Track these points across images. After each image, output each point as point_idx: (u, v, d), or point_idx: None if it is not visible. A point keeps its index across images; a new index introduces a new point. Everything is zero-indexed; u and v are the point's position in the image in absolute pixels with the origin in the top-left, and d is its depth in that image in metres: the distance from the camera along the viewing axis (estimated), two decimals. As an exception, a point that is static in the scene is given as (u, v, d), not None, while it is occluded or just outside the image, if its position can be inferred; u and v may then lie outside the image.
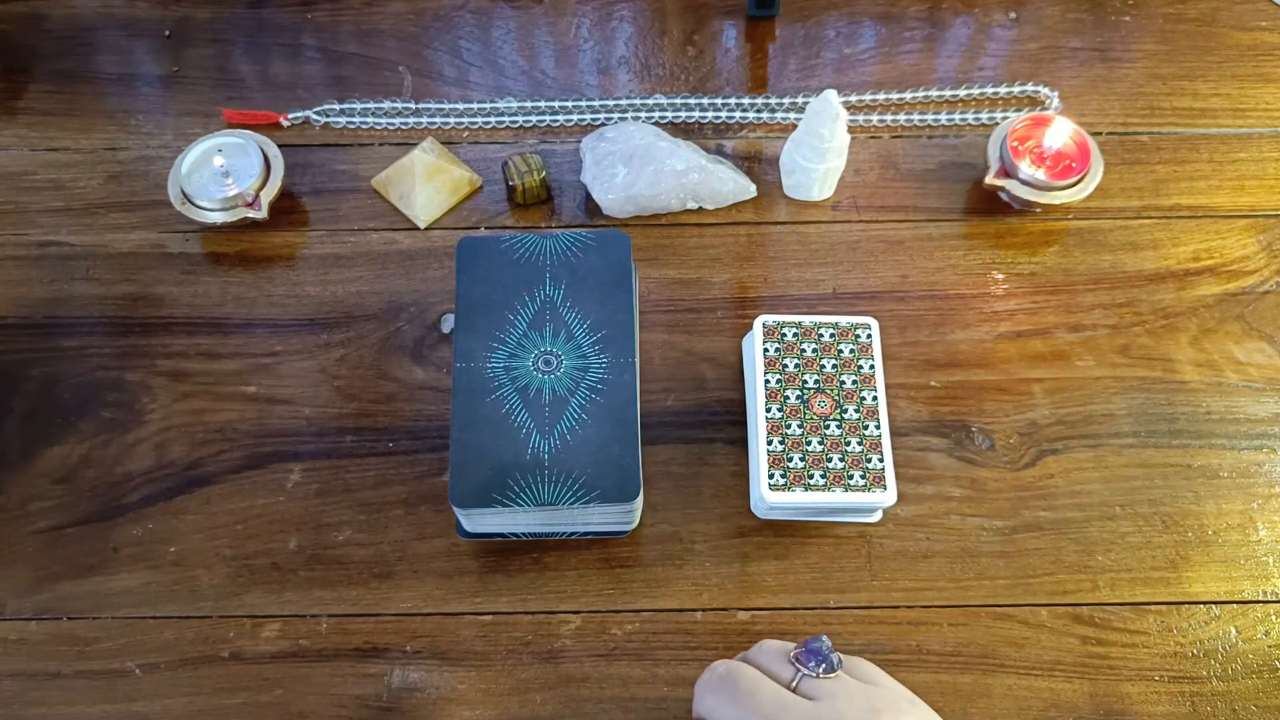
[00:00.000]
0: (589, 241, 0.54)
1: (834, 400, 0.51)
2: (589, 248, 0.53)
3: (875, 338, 0.53)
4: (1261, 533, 0.53)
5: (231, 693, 0.50)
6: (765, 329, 0.53)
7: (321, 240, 0.63)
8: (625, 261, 0.53)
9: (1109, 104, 0.67)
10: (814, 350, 0.52)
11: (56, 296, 0.61)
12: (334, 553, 0.53)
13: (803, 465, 0.50)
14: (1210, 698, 0.49)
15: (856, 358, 0.52)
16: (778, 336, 0.53)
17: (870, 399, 0.51)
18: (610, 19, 0.71)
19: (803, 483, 0.49)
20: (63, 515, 0.54)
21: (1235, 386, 0.57)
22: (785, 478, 0.50)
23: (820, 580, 0.52)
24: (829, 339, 0.52)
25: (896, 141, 0.66)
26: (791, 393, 0.51)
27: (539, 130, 0.67)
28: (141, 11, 0.72)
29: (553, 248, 0.53)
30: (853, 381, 0.51)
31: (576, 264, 0.53)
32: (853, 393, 0.51)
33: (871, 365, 0.52)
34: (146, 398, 0.57)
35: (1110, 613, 0.51)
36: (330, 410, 0.57)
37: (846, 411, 0.51)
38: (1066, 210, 0.62)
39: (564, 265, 0.53)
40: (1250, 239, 0.62)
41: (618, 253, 0.53)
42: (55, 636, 0.51)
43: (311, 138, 0.66)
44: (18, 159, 0.66)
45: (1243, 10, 0.71)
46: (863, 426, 0.50)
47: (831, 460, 0.50)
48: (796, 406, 0.51)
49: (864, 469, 0.49)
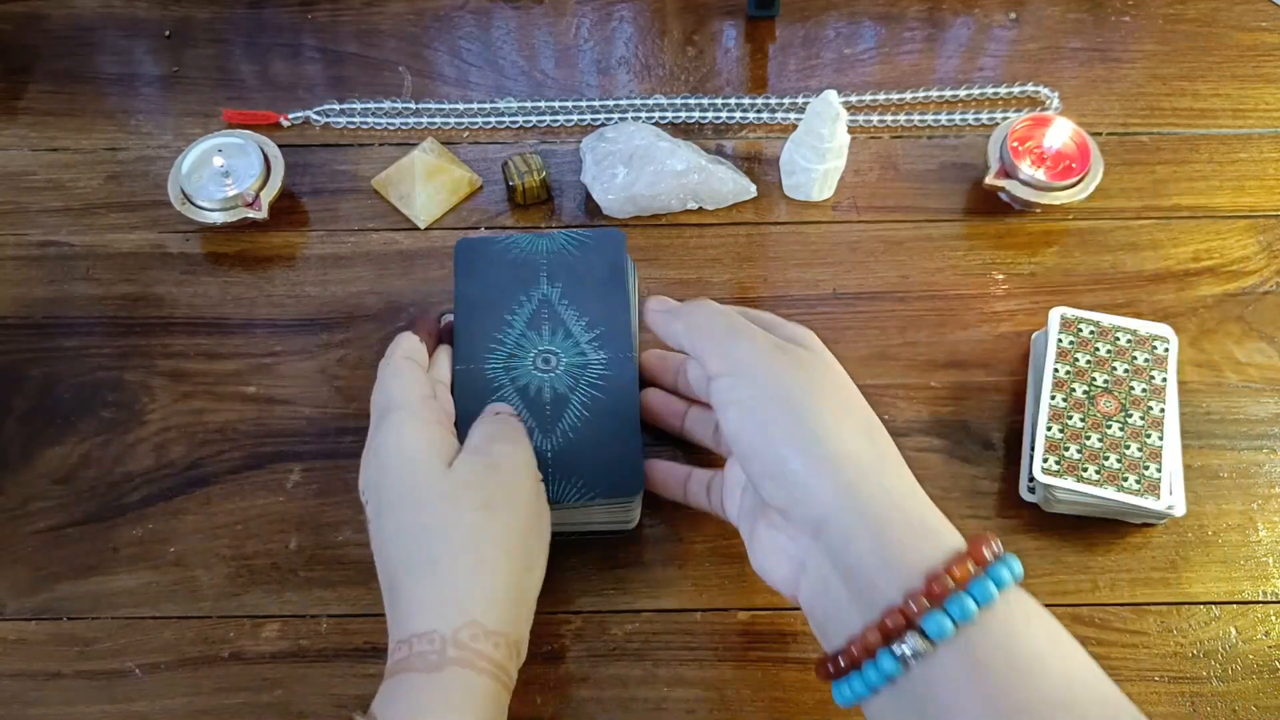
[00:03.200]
0: (584, 239, 0.54)
1: (1120, 402, 0.51)
2: (585, 245, 0.53)
3: (1173, 351, 0.53)
4: (1262, 533, 0.53)
5: (231, 693, 0.50)
6: (1063, 321, 0.54)
7: (321, 240, 0.63)
8: (620, 258, 0.53)
9: (1109, 104, 0.67)
10: (1108, 351, 0.53)
11: (56, 296, 0.61)
12: (334, 553, 0.53)
13: (1079, 457, 0.51)
14: (1210, 698, 0.49)
15: (1150, 367, 0.53)
16: (1074, 330, 0.54)
17: (1158, 409, 0.52)
18: (610, 19, 0.71)
19: (1075, 473, 0.50)
20: (62, 515, 0.54)
21: (1235, 387, 0.57)
22: (1060, 465, 0.51)
23: (820, 580, 0.52)
24: (1125, 343, 0.53)
25: (897, 142, 0.66)
26: (1079, 387, 0.52)
27: (539, 130, 0.67)
28: (142, 12, 0.72)
29: (548, 247, 0.53)
30: (1142, 389, 0.52)
31: (573, 262, 0.53)
32: (1140, 400, 0.52)
33: (1164, 378, 0.52)
34: (146, 398, 0.57)
35: (1110, 613, 0.51)
36: (330, 410, 0.57)
37: (1131, 416, 0.51)
38: (1067, 211, 0.62)
39: (560, 264, 0.53)
40: (1250, 239, 0.62)
41: (613, 249, 0.54)
42: (55, 637, 0.51)
43: (311, 138, 0.66)
44: (18, 159, 0.66)
45: (1243, 11, 0.71)
46: (1145, 434, 0.51)
47: (1108, 459, 0.50)
48: (1081, 401, 0.52)
49: (1140, 474, 0.50)
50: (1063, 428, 0.52)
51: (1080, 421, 0.52)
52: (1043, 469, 0.51)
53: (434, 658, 0.39)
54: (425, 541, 0.41)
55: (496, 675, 0.40)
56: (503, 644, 0.40)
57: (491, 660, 0.40)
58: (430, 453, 0.44)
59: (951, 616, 0.34)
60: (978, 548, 0.36)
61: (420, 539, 0.41)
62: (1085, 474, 0.50)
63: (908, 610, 0.35)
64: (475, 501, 0.42)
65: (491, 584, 0.41)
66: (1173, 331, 0.54)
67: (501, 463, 0.45)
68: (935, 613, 0.34)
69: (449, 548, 0.41)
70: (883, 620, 0.35)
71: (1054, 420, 0.52)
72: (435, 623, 0.39)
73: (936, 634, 0.34)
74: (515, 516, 0.43)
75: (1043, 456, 0.51)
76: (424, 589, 0.41)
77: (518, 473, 0.45)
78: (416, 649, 0.39)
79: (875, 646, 0.35)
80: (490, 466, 0.44)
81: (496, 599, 0.41)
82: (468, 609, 0.40)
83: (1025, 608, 0.35)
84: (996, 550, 0.36)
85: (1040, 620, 0.35)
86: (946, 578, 0.35)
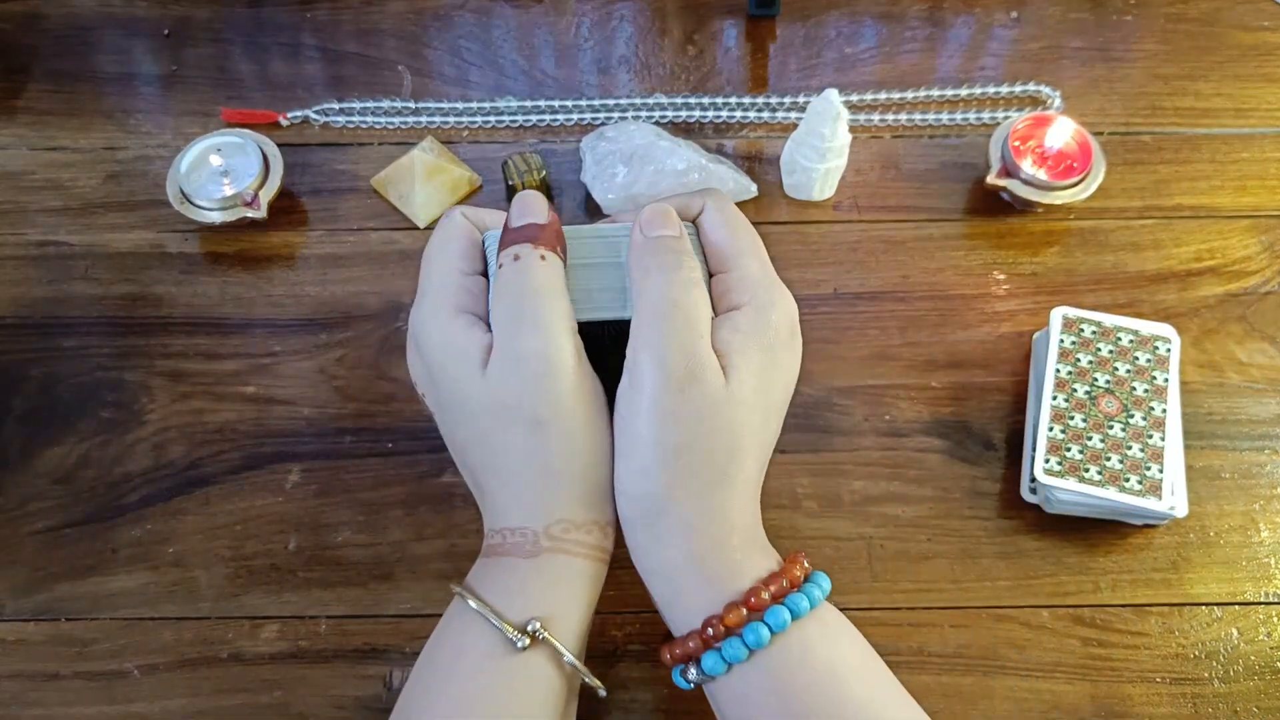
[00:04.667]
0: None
1: (1121, 403, 0.51)
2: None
3: (1175, 352, 0.53)
4: (1263, 534, 0.53)
5: (230, 694, 0.50)
6: (1065, 321, 0.54)
7: (320, 240, 0.62)
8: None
9: (1110, 104, 0.67)
10: (1110, 351, 0.53)
11: (55, 296, 0.61)
12: (333, 553, 0.53)
13: (1080, 458, 0.50)
14: (1212, 699, 0.49)
15: (1152, 367, 0.52)
16: (1076, 330, 0.53)
17: (1160, 410, 0.51)
18: (610, 18, 0.71)
19: (1076, 473, 0.50)
20: (61, 516, 0.54)
21: (1237, 387, 0.57)
22: (1061, 465, 0.50)
23: (821, 581, 0.52)
24: (1127, 343, 0.53)
25: (898, 141, 0.66)
26: (1080, 387, 0.52)
27: (539, 130, 0.67)
28: (140, 11, 0.72)
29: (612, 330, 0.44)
30: (1144, 390, 0.52)
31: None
32: (1142, 400, 0.52)
33: (1166, 379, 0.52)
34: (145, 398, 0.57)
35: (1112, 614, 0.51)
36: (330, 410, 0.57)
37: (1133, 417, 0.51)
38: (1068, 210, 0.62)
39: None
40: (1252, 239, 0.62)
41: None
42: (53, 637, 0.51)
43: (310, 137, 0.66)
44: (16, 158, 0.66)
45: (1245, 10, 0.71)
46: (1147, 435, 0.51)
47: (1110, 460, 0.50)
48: (1083, 401, 0.52)
49: (1141, 475, 0.50)
50: (1064, 428, 0.52)
51: (1082, 422, 0.52)
52: (1044, 470, 0.51)
53: (529, 547, 0.40)
54: (490, 453, 0.41)
55: (591, 555, 0.41)
56: (595, 529, 0.41)
57: (586, 545, 0.41)
58: (461, 356, 0.40)
59: (746, 643, 0.38)
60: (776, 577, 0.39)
61: (485, 449, 0.41)
62: (1087, 475, 0.50)
63: (687, 647, 0.39)
64: (522, 420, 0.39)
65: (569, 488, 0.40)
66: (1175, 332, 0.54)
67: (533, 365, 0.39)
68: (710, 653, 0.38)
69: (516, 463, 0.40)
70: (671, 647, 0.40)
71: (1055, 421, 0.52)
72: (526, 520, 0.40)
73: (710, 670, 0.39)
74: (572, 419, 0.40)
75: (1044, 457, 0.51)
76: (506, 495, 0.41)
77: (555, 375, 0.39)
78: (510, 540, 0.40)
79: (681, 659, 0.40)
80: (523, 375, 0.39)
81: (579, 495, 0.41)
82: (553, 510, 0.40)
83: (807, 638, 0.38)
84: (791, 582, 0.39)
85: (822, 648, 0.39)
86: (719, 624, 0.38)
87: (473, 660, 0.38)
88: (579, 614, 0.40)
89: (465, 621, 0.39)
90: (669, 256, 0.41)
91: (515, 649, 0.38)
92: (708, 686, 0.40)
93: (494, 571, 0.40)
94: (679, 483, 0.39)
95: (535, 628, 0.38)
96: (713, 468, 0.39)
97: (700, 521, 0.40)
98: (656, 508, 0.40)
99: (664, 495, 0.39)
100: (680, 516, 0.39)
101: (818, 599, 0.39)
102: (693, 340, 0.39)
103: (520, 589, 0.39)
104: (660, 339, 0.39)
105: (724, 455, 0.40)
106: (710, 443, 0.39)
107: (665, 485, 0.39)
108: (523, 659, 0.38)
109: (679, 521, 0.40)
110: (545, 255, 0.40)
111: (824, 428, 0.56)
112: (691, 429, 0.39)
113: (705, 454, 0.39)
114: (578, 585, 0.40)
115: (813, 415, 0.56)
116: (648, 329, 0.39)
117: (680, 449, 0.39)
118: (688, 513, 0.39)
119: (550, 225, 0.41)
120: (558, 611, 0.39)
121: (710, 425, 0.39)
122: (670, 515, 0.40)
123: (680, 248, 0.41)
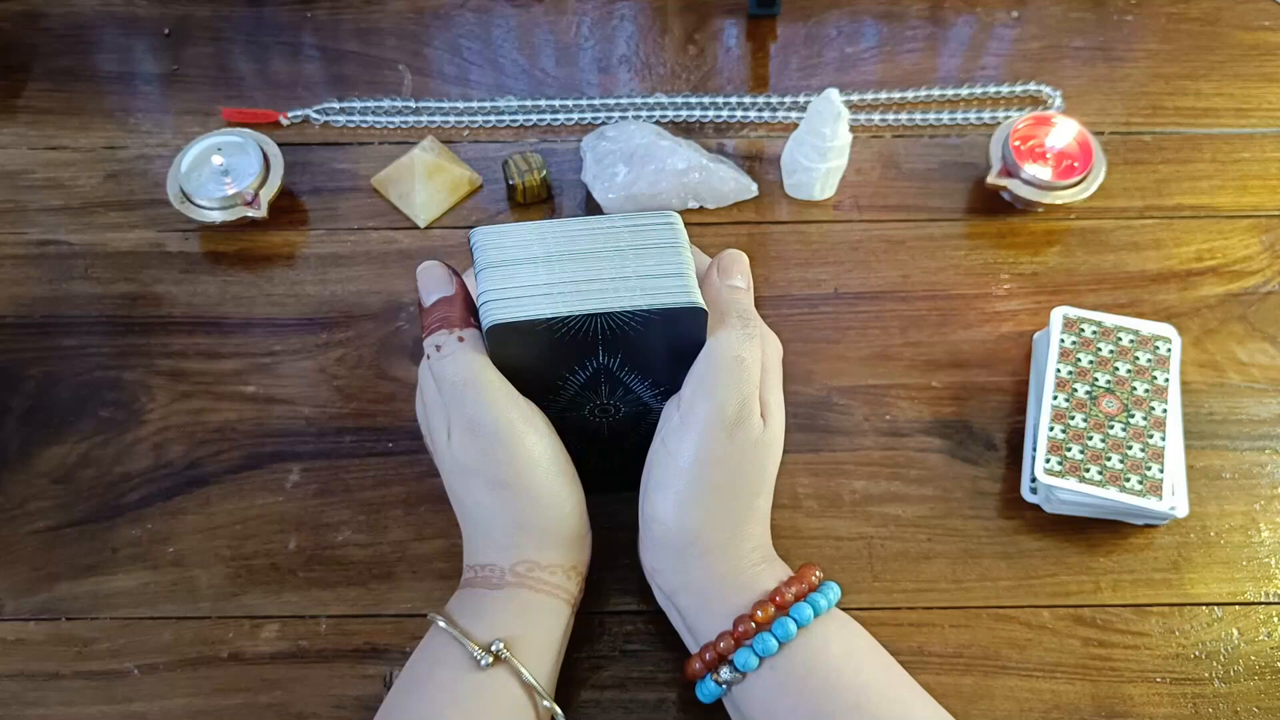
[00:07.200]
0: (650, 316, 0.41)
1: (1122, 403, 0.51)
2: (650, 323, 0.42)
3: (1175, 351, 0.53)
4: (1264, 534, 0.53)
5: (230, 693, 0.50)
6: (1065, 321, 0.54)
7: (321, 239, 0.62)
8: (702, 336, 0.43)
9: (1111, 103, 0.67)
10: (1110, 351, 0.53)
11: (55, 295, 0.60)
12: (333, 553, 0.53)
13: (1081, 458, 0.51)
14: (1212, 699, 0.49)
15: (1152, 367, 0.53)
16: (1076, 330, 0.54)
17: (1160, 410, 0.52)
18: (611, 18, 0.71)
19: (1077, 473, 0.50)
20: (61, 515, 0.54)
21: (1238, 387, 0.57)
22: (1062, 465, 0.51)
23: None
24: (1127, 343, 0.53)
25: (898, 141, 0.66)
26: (1081, 387, 0.52)
27: (539, 129, 0.66)
28: (141, 10, 0.72)
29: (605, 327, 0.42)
30: (1145, 390, 0.52)
31: (635, 338, 0.43)
32: (1143, 400, 0.52)
33: (1166, 378, 0.52)
34: (145, 397, 0.57)
35: (1112, 614, 0.51)
36: (330, 410, 0.57)
37: (1133, 417, 0.51)
38: (1069, 210, 0.62)
39: (618, 339, 0.43)
40: (1253, 239, 0.62)
41: (690, 328, 0.43)
42: (53, 637, 0.51)
43: (311, 136, 0.66)
44: (16, 157, 0.66)
45: (1245, 10, 0.71)
46: (1148, 435, 0.51)
47: (1111, 460, 0.50)
48: (1084, 401, 0.52)
49: (1142, 475, 0.50)
50: (1065, 428, 0.52)
51: (1082, 422, 0.52)
52: (1045, 469, 0.51)
53: (496, 580, 0.44)
54: (463, 506, 0.46)
55: (554, 594, 0.45)
56: (559, 571, 0.45)
57: (549, 584, 0.45)
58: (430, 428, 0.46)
59: (776, 636, 0.42)
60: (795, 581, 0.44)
61: (459, 503, 0.46)
62: (1087, 475, 0.50)
63: (719, 648, 0.43)
64: (484, 482, 0.44)
65: (538, 538, 0.45)
66: (1175, 331, 0.54)
67: (486, 435, 0.42)
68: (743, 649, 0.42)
69: (485, 517, 0.45)
70: (702, 653, 0.44)
71: (1056, 420, 0.52)
72: (495, 559, 0.45)
73: (743, 666, 0.42)
74: (532, 478, 0.44)
75: (1045, 457, 0.51)
76: (478, 538, 0.46)
77: (507, 444, 0.43)
78: (481, 574, 0.45)
79: (714, 662, 0.43)
80: (480, 446, 0.43)
81: (546, 543, 0.45)
82: (520, 553, 0.44)
83: (826, 631, 0.43)
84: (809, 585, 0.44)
85: (839, 639, 0.43)
86: (749, 621, 0.42)
87: (446, 672, 0.42)
88: (542, 643, 0.44)
89: (440, 640, 0.43)
90: (741, 312, 0.44)
91: (479, 666, 0.42)
92: (733, 692, 0.43)
93: (466, 600, 0.45)
94: (713, 516, 0.44)
95: (498, 648, 0.42)
96: (742, 502, 0.45)
97: (729, 547, 0.44)
98: (689, 538, 0.44)
99: (698, 527, 0.44)
100: (711, 543, 0.44)
101: (833, 600, 0.44)
102: (750, 392, 0.43)
103: (488, 615, 0.44)
104: (719, 389, 0.43)
105: (753, 491, 0.45)
106: (744, 481, 0.44)
107: (701, 520, 0.44)
108: (489, 676, 0.42)
109: (709, 548, 0.44)
110: (463, 336, 0.43)
111: (825, 427, 0.56)
112: (732, 470, 0.44)
113: (739, 491, 0.44)
114: (541, 617, 0.44)
115: (814, 415, 0.56)
116: (710, 377, 0.43)
117: (719, 488, 0.44)
118: (717, 541, 0.44)
119: (457, 296, 0.44)
120: (522, 636, 0.43)
121: (747, 467, 0.44)
122: (701, 543, 0.44)
123: (748, 301, 0.45)
